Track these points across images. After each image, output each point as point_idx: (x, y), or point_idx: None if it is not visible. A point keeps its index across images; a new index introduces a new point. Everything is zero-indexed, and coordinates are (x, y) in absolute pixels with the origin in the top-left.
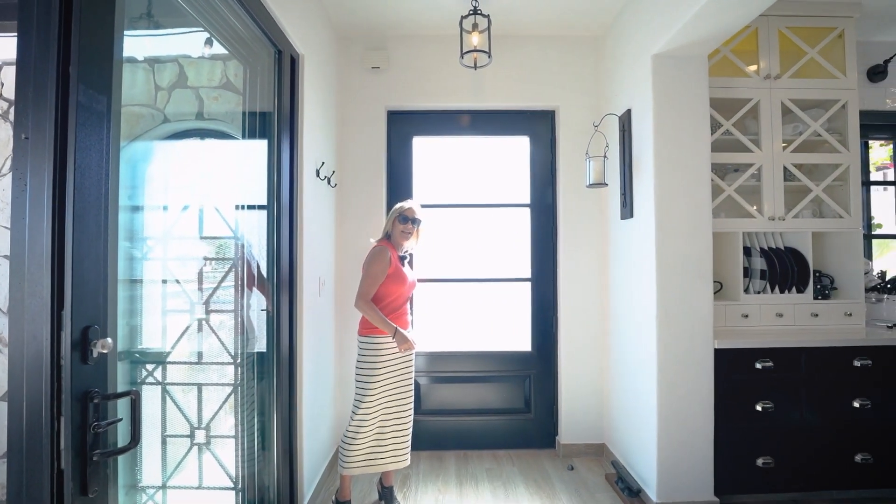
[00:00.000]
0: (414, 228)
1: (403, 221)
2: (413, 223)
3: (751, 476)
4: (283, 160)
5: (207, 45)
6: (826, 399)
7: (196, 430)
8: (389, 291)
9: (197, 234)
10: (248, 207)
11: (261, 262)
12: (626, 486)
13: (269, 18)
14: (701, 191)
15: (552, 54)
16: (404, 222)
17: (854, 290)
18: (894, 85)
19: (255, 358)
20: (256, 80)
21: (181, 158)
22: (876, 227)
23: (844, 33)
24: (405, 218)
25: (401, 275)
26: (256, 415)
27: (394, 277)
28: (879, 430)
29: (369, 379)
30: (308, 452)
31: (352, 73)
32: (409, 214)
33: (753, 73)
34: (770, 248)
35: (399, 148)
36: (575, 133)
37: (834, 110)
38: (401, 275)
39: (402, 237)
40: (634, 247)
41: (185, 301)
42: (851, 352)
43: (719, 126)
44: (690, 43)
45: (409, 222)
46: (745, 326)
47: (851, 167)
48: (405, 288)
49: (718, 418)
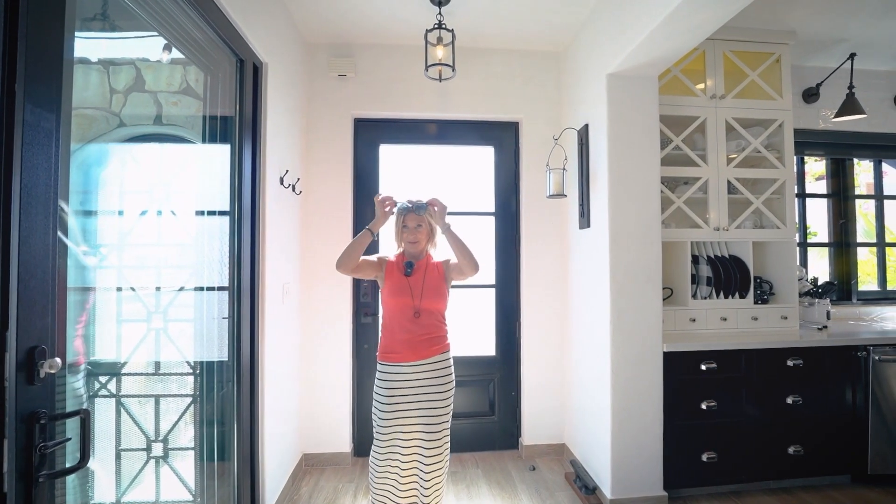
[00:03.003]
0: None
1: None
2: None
3: (696, 470)
4: (245, 167)
5: (166, 50)
6: (763, 396)
7: (153, 443)
8: (387, 305)
9: (155, 240)
10: (208, 213)
11: (223, 268)
12: (583, 485)
13: (230, 28)
14: (651, 202)
15: (516, 68)
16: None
17: (789, 295)
18: (825, 106)
19: (216, 367)
20: (218, 86)
21: (138, 163)
22: (811, 235)
23: (781, 58)
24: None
25: (399, 282)
26: (217, 425)
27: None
28: (809, 423)
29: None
30: (271, 462)
31: (318, 80)
32: (408, 222)
33: (701, 92)
34: (716, 257)
35: (366, 155)
36: (537, 144)
37: (772, 129)
38: (399, 282)
39: (410, 246)
40: (591, 255)
41: (141, 310)
42: (785, 353)
43: (670, 141)
44: (641, 64)
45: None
46: (693, 330)
47: (787, 182)
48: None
49: (667, 417)
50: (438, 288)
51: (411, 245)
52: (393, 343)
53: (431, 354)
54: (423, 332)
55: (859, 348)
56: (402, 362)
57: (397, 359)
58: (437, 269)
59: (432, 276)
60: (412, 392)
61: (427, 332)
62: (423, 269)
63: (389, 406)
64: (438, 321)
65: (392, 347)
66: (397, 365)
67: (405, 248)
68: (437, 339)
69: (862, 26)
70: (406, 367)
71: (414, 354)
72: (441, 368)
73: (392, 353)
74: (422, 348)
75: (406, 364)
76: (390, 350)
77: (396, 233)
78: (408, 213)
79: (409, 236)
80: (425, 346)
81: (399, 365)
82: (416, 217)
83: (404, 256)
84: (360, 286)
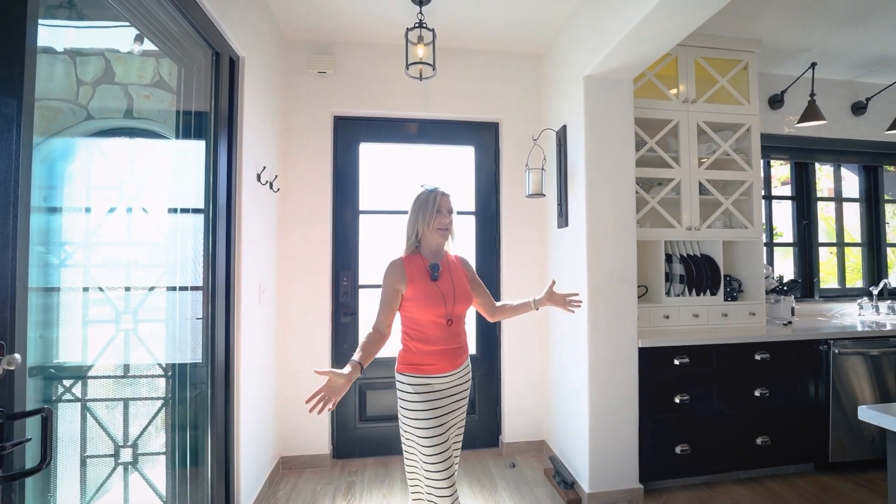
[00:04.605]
0: (451, 219)
1: (439, 213)
2: (439, 212)
3: (671, 463)
4: (221, 164)
5: (137, 41)
6: (733, 390)
7: (121, 449)
8: (415, 316)
9: (125, 238)
10: (181, 211)
11: (197, 267)
12: (562, 480)
13: (205, 20)
14: (627, 202)
15: (497, 69)
16: (438, 214)
17: (757, 292)
18: (790, 112)
19: (188, 369)
20: (192, 80)
21: (107, 158)
22: (778, 235)
23: (748, 66)
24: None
25: (428, 289)
26: (190, 429)
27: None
28: (775, 415)
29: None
30: (246, 466)
31: (298, 76)
32: (443, 206)
33: (674, 96)
34: (688, 256)
35: (346, 154)
36: (517, 144)
37: (740, 133)
38: (428, 289)
39: (439, 235)
40: (569, 254)
41: (110, 310)
42: (753, 347)
43: (645, 143)
44: (617, 67)
45: (445, 214)
46: (666, 326)
47: (754, 184)
48: (435, 309)
49: (642, 411)
50: (467, 290)
51: (441, 233)
52: (424, 356)
53: (463, 362)
54: (457, 341)
55: (821, 342)
56: (436, 374)
57: (431, 370)
58: (460, 269)
59: (458, 276)
60: (450, 399)
61: (460, 340)
62: (448, 270)
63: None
64: (464, 325)
65: (422, 360)
66: (430, 377)
67: (432, 236)
68: (466, 346)
69: (822, 37)
70: (441, 377)
71: (449, 365)
72: (468, 373)
73: (424, 366)
74: (456, 357)
75: (441, 375)
76: (421, 363)
77: (422, 219)
78: (442, 196)
79: (443, 221)
80: (459, 354)
81: (432, 376)
82: (448, 201)
83: (422, 257)
84: (340, 286)
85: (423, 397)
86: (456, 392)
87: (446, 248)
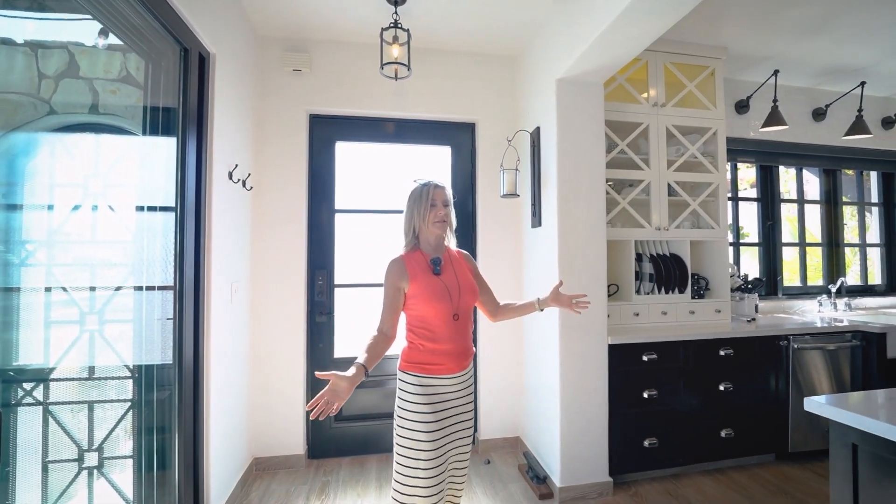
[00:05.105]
0: (446, 211)
1: (433, 206)
2: (434, 206)
3: (639, 456)
4: (190, 161)
5: (102, 35)
6: (699, 384)
7: (86, 453)
8: (420, 314)
9: (90, 236)
10: (149, 209)
11: (166, 266)
12: (535, 475)
13: (172, 15)
14: (597, 203)
15: (473, 70)
16: (433, 208)
17: (723, 290)
18: (755, 117)
19: (155, 370)
20: (160, 75)
21: (72, 154)
22: (744, 235)
23: (715, 71)
24: (434, 203)
25: (431, 284)
26: (158, 432)
27: (422, 291)
28: (738, 408)
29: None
30: (216, 468)
31: (272, 74)
32: (437, 198)
33: (644, 100)
34: (658, 255)
35: (321, 152)
36: (493, 145)
37: (707, 136)
38: (431, 284)
39: (437, 228)
40: (542, 253)
41: (74, 311)
42: (718, 343)
43: (616, 146)
44: (588, 71)
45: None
46: (636, 324)
47: (720, 186)
48: (440, 304)
49: (612, 407)
50: (472, 284)
51: (439, 225)
52: (431, 355)
53: (468, 365)
54: (465, 341)
55: (782, 338)
56: (445, 374)
57: (439, 371)
58: (462, 262)
59: (462, 270)
60: (453, 404)
61: (467, 340)
62: (451, 264)
63: (435, 421)
64: (472, 323)
65: (431, 359)
66: (438, 377)
67: (430, 230)
68: (472, 348)
69: (784, 46)
70: (448, 378)
71: (457, 366)
72: (471, 375)
73: (431, 366)
74: (463, 358)
75: (449, 376)
76: (427, 362)
77: (418, 214)
78: (435, 189)
79: (438, 213)
80: (466, 356)
81: (441, 377)
82: (443, 192)
83: (422, 252)
84: (315, 285)
85: (426, 399)
86: (460, 397)
87: (446, 242)
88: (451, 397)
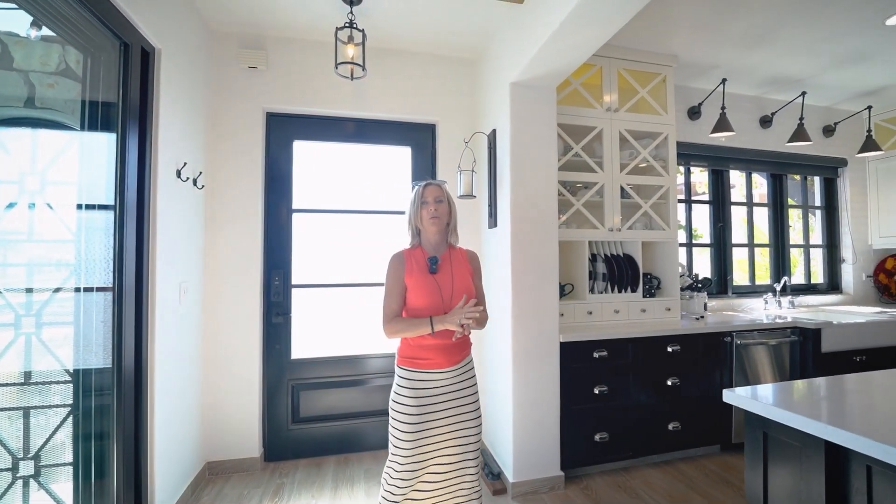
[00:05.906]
0: (438, 207)
1: (424, 204)
2: (424, 204)
3: (590, 450)
4: (130, 157)
5: (35, 26)
6: (648, 380)
7: (21, 462)
8: (411, 307)
9: (26, 236)
10: (89, 207)
11: (109, 266)
12: (489, 471)
13: (109, 8)
14: (549, 204)
15: (433, 71)
16: (424, 205)
17: (673, 289)
18: (707, 123)
19: (94, 374)
20: (99, 70)
21: (6, 149)
22: (697, 237)
23: (666, 78)
24: (424, 201)
25: (423, 281)
26: (96, 438)
27: (414, 286)
28: (685, 402)
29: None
30: (162, 474)
31: (227, 70)
32: (427, 196)
33: (598, 105)
34: (611, 255)
35: (279, 151)
36: (453, 146)
37: (658, 141)
38: (423, 281)
39: (431, 224)
40: (498, 254)
41: (10, 314)
42: (666, 340)
43: (571, 149)
44: (539, 76)
45: (430, 203)
46: (590, 322)
47: (671, 189)
48: (429, 301)
49: (564, 403)
50: (468, 285)
51: (432, 222)
52: (421, 350)
53: (462, 359)
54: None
55: (726, 334)
56: (433, 369)
57: (427, 365)
58: (464, 265)
59: (460, 271)
60: (444, 399)
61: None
62: (449, 264)
63: (417, 415)
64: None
65: (419, 353)
66: (427, 371)
67: (425, 227)
68: (466, 342)
69: (731, 56)
70: (438, 373)
71: (447, 361)
72: (469, 370)
73: (420, 360)
74: (454, 353)
75: (438, 371)
76: (417, 356)
77: (413, 213)
78: (426, 187)
79: (429, 210)
80: (458, 350)
81: (429, 372)
82: (435, 190)
83: (423, 250)
84: (272, 285)
85: (413, 392)
86: (454, 391)
87: (451, 240)
88: (441, 391)
